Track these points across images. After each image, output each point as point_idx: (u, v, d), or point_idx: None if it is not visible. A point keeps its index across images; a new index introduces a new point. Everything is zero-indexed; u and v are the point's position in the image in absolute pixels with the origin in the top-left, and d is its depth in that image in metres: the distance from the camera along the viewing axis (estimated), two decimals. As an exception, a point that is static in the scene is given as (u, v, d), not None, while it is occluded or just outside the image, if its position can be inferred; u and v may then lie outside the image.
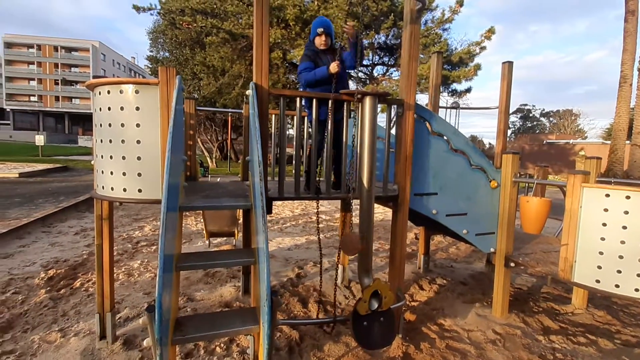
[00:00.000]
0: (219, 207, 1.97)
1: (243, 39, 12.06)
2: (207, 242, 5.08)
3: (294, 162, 2.44)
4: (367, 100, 2.24)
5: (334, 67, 2.33)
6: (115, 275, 3.71)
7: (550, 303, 3.75)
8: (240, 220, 5.32)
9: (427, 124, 2.81)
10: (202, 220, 5.98)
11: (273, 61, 11.57)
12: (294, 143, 2.48)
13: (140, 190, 2.10)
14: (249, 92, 2.17)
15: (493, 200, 3.20)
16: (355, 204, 2.59)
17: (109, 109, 2.10)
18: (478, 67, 14.42)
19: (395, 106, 2.61)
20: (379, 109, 2.39)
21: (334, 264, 4.75)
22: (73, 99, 53.91)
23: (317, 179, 2.46)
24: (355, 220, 7.68)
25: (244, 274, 3.53)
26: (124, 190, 2.13)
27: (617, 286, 2.30)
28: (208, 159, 19.95)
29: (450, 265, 5.06)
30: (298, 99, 2.30)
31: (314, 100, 2.31)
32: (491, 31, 15.10)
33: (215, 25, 11.21)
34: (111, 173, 2.15)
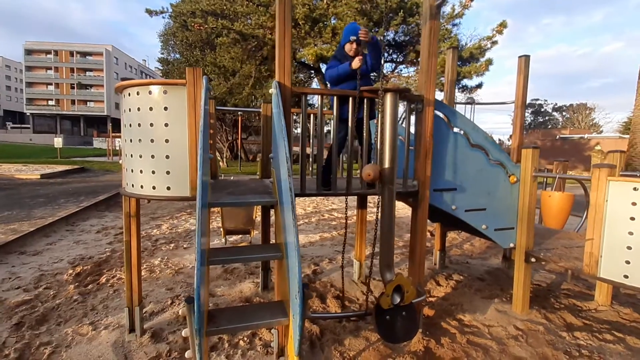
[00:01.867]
0: (245, 204, 2.02)
1: (253, 39, 12.15)
2: (223, 239, 5.18)
3: (311, 159, 2.48)
4: (388, 97, 2.26)
5: (356, 62, 2.36)
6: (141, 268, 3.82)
7: (572, 300, 3.70)
8: (258, 219, 5.41)
9: (446, 120, 2.81)
10: (218, 218, 6.11)
11: (284, 60, 11.63)
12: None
13: (169, 188, 2.17)
14: (272, 90, 2.22)
15: (512, 195, 3.18)
16: (371, 200, 2.61)
17: (139, 109, 2.17)
18: (490, 62, 14.20)
19: (415, 102, 2.62)
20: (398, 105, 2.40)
21: (349, 260, 4.78)
22: (88, 102, 55.26)
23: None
24: (370, 217, 7.67)
25: (263, 270, 3.59)
26: (153, 188, 2.20)
27: (645, 281, 2.26)
28: (219, 158, 20.21)
29: (466, 261, 5.03)
30: (320, 97, 2.34)
31: (335, 98, 2.34)
32: (503, 25, 14.82)
33: (226, 26, 11.33)
34: (140, 171, 2.22)
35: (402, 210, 8.82)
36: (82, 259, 4.45)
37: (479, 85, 16.65)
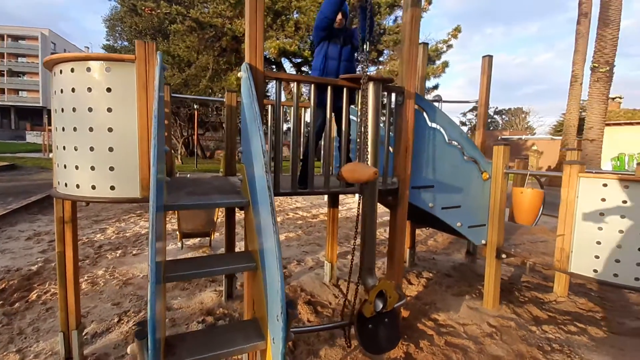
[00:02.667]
0: (211, 205, 1.72)
1: (210, 29, 11.44)
2: (179, 243, 4.71)
3: (290, 154, 2.22)
4: (371, 87, 2.07)
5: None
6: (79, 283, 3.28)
7: (534, 292, 3.83)
8: (219, 220, 5.00)
9: (425, 114, 2.70)
10: (173, 219, 5.57)
11: (243, 52, 11.07)
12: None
13: (113, 188, 1.78)
14: (241, 74, 1.92)
15: (484, 192, 3.17)
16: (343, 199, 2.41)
17: (73, 90, 1.75)
18: (446, 64, 14.84)
19: (394, 94, 2.46)
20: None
21: (319, 261, 4.58)
22: (20, 92, 49.08)
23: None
24: (343, 214, 7.51)
25: (226, 277, 3.25)
26: (93, 187, 1.80)
27: (615, 275, 2.32)
28: (174, 154, 18.98)
29: (432, 257, 5.07)
30: (295, 84, 2.08)
31: (312, 85, 2.10)
32: (457, 30, 15.59)
33: (181, 13, 10.52)
34: (76, 167, 1.81)
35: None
36: (8, 272, 3.75)
37: (436, 87, 17.36)
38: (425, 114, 2.70)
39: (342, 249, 5.12)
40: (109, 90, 1.73)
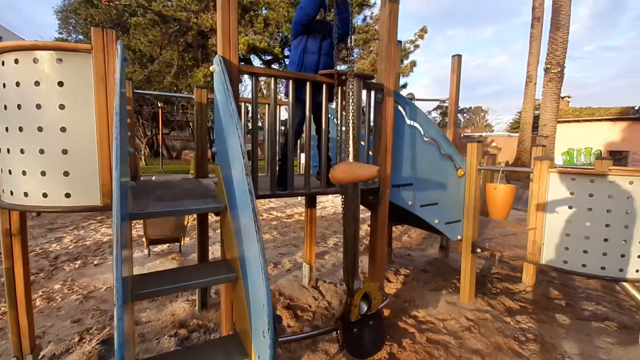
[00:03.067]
0: (184, 212, 1.57)
1: (174, 23, 10.90)
2: (146, 251, 4.41)
3: (266, 154, 2.11)
4: (353, 83, 2.00)
5: None
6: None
7: (504, 283, 3.98)
8: (189, 224, 4.74)
9: (403, 112, 2.68)
10: (139, 225, 5.21)
11: (211, 48, 10.68)
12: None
13: (68, 195, 1.58)
14: (214, 68, 1.78)
15: (460, 189, 3.23)
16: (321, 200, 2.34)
17: (17, 84, 1.52)
18: (414, 63, 15.21)
19: (374, 91, 2.42)
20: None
21: (297, 263, 4.48)
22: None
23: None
24: (318, 213, 7.41)
25: (200, 284, 3.07)
26: (44, 195, 1.58)
27: (584, 265, 2.43)
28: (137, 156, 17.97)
29: (408, 254, 5.14)
30: (272, 80, 1.97)
31: (291, 81, 2.00)
32: (424, 30, 16.05)
33: (142, 5, 9.91)
34: (23, 173, 1.58)
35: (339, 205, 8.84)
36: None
37: (404, 85, 17.78)
38: (403, 112, 2.68)
39: (319, 249, 5.06)
40: (60, 84, 1.53)
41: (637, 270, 2.39)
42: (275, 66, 12.87)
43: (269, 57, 12.07)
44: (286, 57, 12.16)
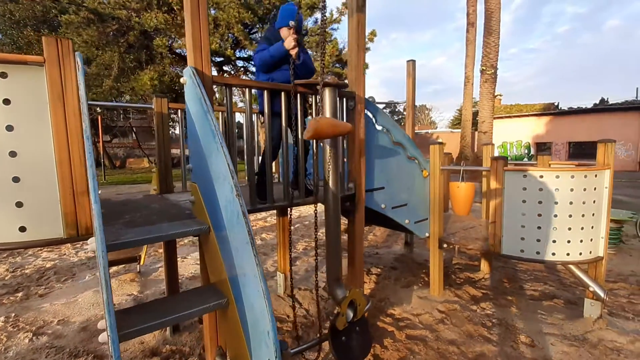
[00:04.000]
0: (167, 237, 1.43)
1: (113, 22, 10.04)
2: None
3: (245, 166, 2.03)
4: (327, 92, 2.00)
5: (289, 42, 2.01)
6: (-40, 350, 2.53)
7: (466, 273, 4.28)
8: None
9: (373, 118, 2.75)
10: (86, 244, 4.71)
11: (157, 49, 10.00)
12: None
13: (23, 229, 1.37)
14: (184, 79, 1.67)
15: (425, 189, 3.40)
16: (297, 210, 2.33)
17: (-52, 103, 1.29)
18: (366, 66, 15.67)
19: (345, 99, 2.44)
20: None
21: (268, 272, 4.38)
22: None
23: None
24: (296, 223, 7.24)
25: (170, 307, 2.86)
26: (-10, 230, 1.36)
27: (537, 253, 2.70)
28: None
29: (376, 252, 5.30)
30: (247, 90, 1.89)
31: (265, 91, 1.94)
32: (373, 34, 16.55)
33: (74, 1, 8.97)
34: (-39, 206, 1.34)
35: (301, 209, 8.81)
36: None
37: (356, 86, 18.25)
38: (373, 118, 2.75)
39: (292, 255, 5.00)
40: (6, 102, 1.32)
41: (580, 254, 2.71)
42: (227, 68, 12.46)
43: (220, 59, 11.65)
44: (238, 59, 11.81)
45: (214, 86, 1.82)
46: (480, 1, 15.75)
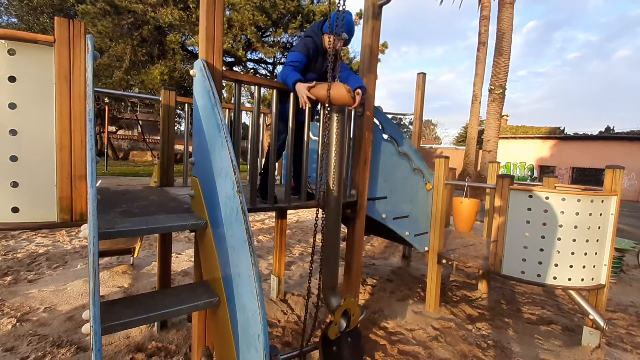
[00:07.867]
0: (162, 230, 1.40)
1: (129, 15, 10.14)
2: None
3: (248, 165, 1.99)
4: (337, 96, 1.97)
5: (303, 99, 1.94)
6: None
7: (463, 291, 4.20)
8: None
9: (380, 126, 2.72)
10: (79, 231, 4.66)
11: (169, 45, 10.08)
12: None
13: (16, 210, 1.34)
14: (194, 72, 1.65)
15: (428, 202, 3.36)
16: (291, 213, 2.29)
17: (-48, 75, 1.27)
18: (376, 77, 15.70)
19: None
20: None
21: (262, 275, 4.32)
22: None
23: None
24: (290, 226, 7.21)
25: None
26: (-17, 209, 1.32)
27: (538, 275, 2.64)
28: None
29: (372, 263, 5.23)
30: (256, 88, 1.87)
31: (275, 91, 1.92)
32: (384, 45, 16.73)
33: (91, -8, 9.08)
34: (-45, 182, 1.31)
35: (301, 212, 8.77)
36: None
37: (364, 96, 18.30)
38: (380, 126, 2.72)
39: (285, 259, 4.94)
40: (12, 79, 1.30)
41: (582, 279, 2.65)
42: (237, 69, 12.53)
43: (231, 59, 11.72)
44: (249, 61, 11.88)
45: (223, 82, 1.79)
46: (492, 22, 15.86)
